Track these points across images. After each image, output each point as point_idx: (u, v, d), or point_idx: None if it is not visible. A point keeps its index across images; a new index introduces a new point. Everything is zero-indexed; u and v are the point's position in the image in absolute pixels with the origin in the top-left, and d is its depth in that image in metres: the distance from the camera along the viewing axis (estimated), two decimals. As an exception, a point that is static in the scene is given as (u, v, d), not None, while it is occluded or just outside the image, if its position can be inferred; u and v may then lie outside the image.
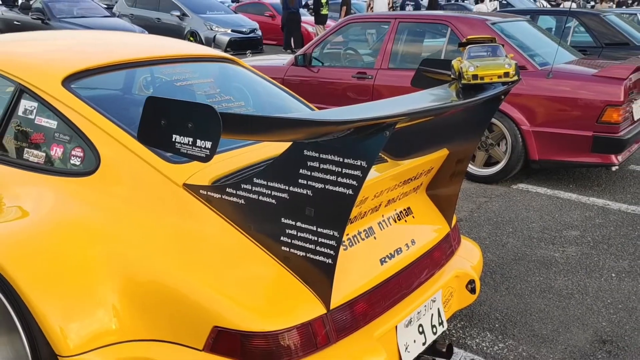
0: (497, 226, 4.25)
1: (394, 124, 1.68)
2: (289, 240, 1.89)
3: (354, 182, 1.72)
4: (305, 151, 1.77)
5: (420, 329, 2.25)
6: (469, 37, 2.47)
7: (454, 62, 2.39)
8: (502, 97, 2.33)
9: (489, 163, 5.24)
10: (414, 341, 2.21)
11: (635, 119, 5.08)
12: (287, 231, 1.88)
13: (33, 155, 2.33)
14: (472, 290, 2.55)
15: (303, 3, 19.26)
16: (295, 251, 1.88)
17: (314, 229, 1.83)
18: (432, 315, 2.33)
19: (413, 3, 16.38)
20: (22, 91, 2.40)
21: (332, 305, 1.92)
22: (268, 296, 1.89)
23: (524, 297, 3.25)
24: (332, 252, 1.81)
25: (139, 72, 2.84)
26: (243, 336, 1.80)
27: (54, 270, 1.93)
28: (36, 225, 2.07)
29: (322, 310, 1.90)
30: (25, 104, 2.40)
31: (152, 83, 2.85)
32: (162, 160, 2.11)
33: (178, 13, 15.13)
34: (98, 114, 2.23)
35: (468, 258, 2.66)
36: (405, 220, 2.40)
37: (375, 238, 2.21)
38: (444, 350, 2.32)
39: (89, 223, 2.04)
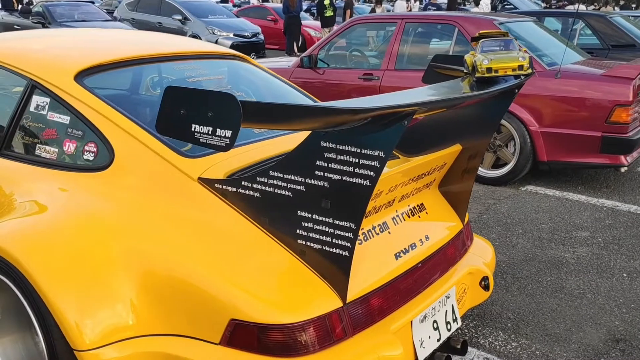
0: (506, 227, 4.26)
1: (413, 113, 1.70)
2: (305, 233, 1.90)
3: (372, 173, 1.73)
4: (322, 142, 1.79)
5: (435, 325, 2.27)
6: (481, 31, 2.49)
7: (467, 57, 2.41)
8: (516, 90, 2.36)
9: (497, 165, 5.26)
10: (429, 337, 2.22)
11: (644, 119, 5.10)
12: (303, 224, 1.90)
13: (45, 151, 2.36)
14: (486, 287, 2.56)
15: (304, 7, 19.36)
16: (312, 244, 1.90)
17: (331, 221, 1.84)
18: (446, 311, 2.34)
19: (434, 8, 16.44)
20: (34, 87, 2.43)
21: (349, 299, 1.94)
22: (284, 289, 1.91)
23: (536, 297, 3.26)
24: (348, 244, 1.83)
25: (151, 68, 2.87)
26: (260, 329, 1.81)
27: (70, 265, 1.95)
28: (51, 220, 2.09)
29: (339, 303, 1.91)
30: (37, 99, 2.42)
31: (163, 79, 2.87)
32: (176, 154, 2.13)
33: (180, 17, 15.18)
34: (111, 109, 2.26)
35: (481, 255, 2.67)
36: (419, 216, 2.42)
37: (389, 233, 2.23)
38: (459, 347, 2.33)
39: (104, 217, 2.06)
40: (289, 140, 2.36)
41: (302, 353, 1.84)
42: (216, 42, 14.51)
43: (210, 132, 1.62)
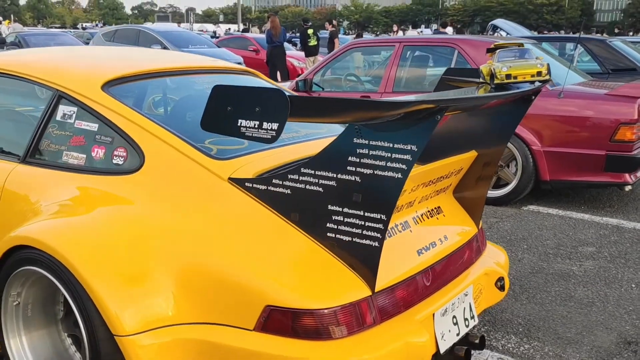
0: (511, 243, 4.52)
1: (445, 108, 1.96)
2: (335, 227, 2.14)
3: (404, 166, 1.98)
4: (355, 139, 2.04)
5: (454, 320, 2.50)
6: (496, 43, 2.79)
7: (483, 67, 2.70)
8: (533, 97, 2.64)
9: (497, 185, 5.55)
10: (449, 331, 2.45)
11: (647, 138, 5.43)
12: (333, 217, 2.14)
13: (73, 157, 2.59)
14: (501, 288, 2.81)
15: (287, 37, 19.89)
16: (342, 236, 2.14)
17: (361, 214, 2.08)
18: (465, 308, 2.58)
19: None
20: (60, 97, 2.67)
21: (376, 289, 2.17)
22: (315, 279, 2.14)
23: (545, 305, 3.51)
24: (379, 235, 2.07)
25: (170, 81, 3.14)
26: (294, 314, 2.04)
27: (111, 259, 2.17)
28: (89, 219, 2.32)
29: (368, 292, 2.15)
30: (63, 109, 2.67)
31: (183, 90, 3.14)
32: (206, 156, 2.38)
33: (159, 47, 15.53)
34: (140, 116, 2.51)
35: (495, 258, 2.92)
36: (437, 218, 2.67)
37: (411, 231, 2.48)
38: (477, 341, 2.56)
39: (139, 215, 2.29)
40: (312, 146, 2.61)
41: (333, 337, 2.06)
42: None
43: (256, 126, 1.87)
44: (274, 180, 2.22)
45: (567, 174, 5.23)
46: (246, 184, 2.28)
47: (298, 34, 16.91)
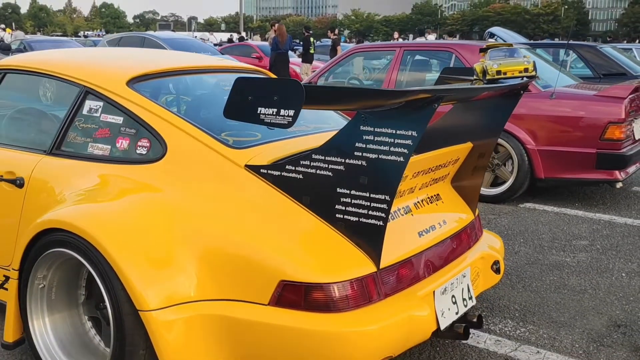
0: (508, 237, 4.69)
1: (442, 97, 2.14)
2: (343, 208, 2.31)
3: (405, 150, 2.16)
4: (361, 127, 2.22)
5: (453, 300, 2.66)
6: (488, 44, 2.98)
7: (476, 66, 2.89)
8: (522, 92, 2.82)
9: (495, 184, 5.73)
10: (449, 309, 2.61)
11: (637, 138, 5.61)
12: (341, 199, 2.31)
13: (98, 148, 2.76)
14: (497, 271, 2.98)
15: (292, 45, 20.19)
16: (349, 217, 2.31)
17: (367, 195, 2.26)
18: (463, 289, 2.75)
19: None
20: (87, 93, 2.85)
21: (381, 266, 2.34)
22: (325, 256, 2.31)
23: (540, 293, 3.68)
24: (383, 214, 2.24)
25: (190, 78, 3.32)
26: (306, 288, 2.20)
27: (137, 240, 2.34)
28: (116, 203, 2.51)
29: (373, 268, 2.32)
30: (90, 104, 2.84)
31: (201, 87, 3.33)
32: (224, 146, 2.55)
33: (165, 53, 15.71)
34: (163, 109, 2.69)
35: (491, 244, 3.10)
36: (436, 205, 2.84)
37: (412, 215, 2.65)
38: (475, 320, 2.72)
39: (163, 200, 2.47)
40: (319, 138, 2.78)
41: (342, 310, 2.23)
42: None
43: (274, 113, 2.05)
44: (287, 167, 2.40)
45: (560, 171, 5.41)
46: (261, 170, 2.45)
47: (301, 42, 17.18)
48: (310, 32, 16.93)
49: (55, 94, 3.15)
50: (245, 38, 32.49)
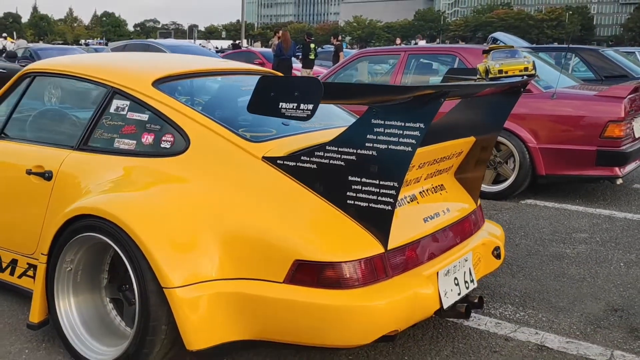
0: (509, 231, 4.92)
1: (447, 92, 2.38)
2: (354, 194, 2.54)
3: (413, 141, 2.39)
4: (372, 120, 2.45)
5: (456, 281, 2.89)
6: (491, 46, 3.22)
7: (479, 66, 3.12)
8: (522, 89, 3.05)
9: (497, 181, 5.96)
10: (451, 290, 2.84)
11: (636, 136, 5.85)
12: (352, 187, 2.54)
13: (125, 144, 3.00)
14: (497, 256, 3.20)
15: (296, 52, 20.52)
16: (359, 203, 2.54)
17: (377, 182, 2.49)
18: (465, 272, 2.97)
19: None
20: (114, 93, 3.10)
21: (389, 247, 2.57)
22: (337, 238, 2.53)
23: (540, 281, 3.90)
24: (391, 200, 2.47)
25: (210, 80, 3.58)
26: (319, 266, 2.43)
27: (163, 224, 2.57)
28: (143, 192, 2.75)
29: (381, 249, 2.54)
30: (117, 103, 3.09)
31: (220, 87, 3.59)
32: (243, 139, 2.79)
33: (170, 60, 15.98)
34: (186, 107, 2.94)
35: (492, 232, 3.32)
36: (440, 194, 3.08)
37: (418, 203, 2.88)
38: (476, 301, 2.94)
39: (186, 188, 2.70)
40: (328, 133, 3.00)
41: (353, 287, 2.45)
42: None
43: (295, 107, 2.29)
44: (302, 157, 2.63)
45: (561, 168, 5.64)
46: (277, 161, 2.69)
47: (300, 47, 17.52)
48: (312, 38, 17.21)
49: (81, 94, 3.40)
50: (241, 45, 32.92)
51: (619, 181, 5.62)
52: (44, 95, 3.56)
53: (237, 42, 33.01)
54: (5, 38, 27.59)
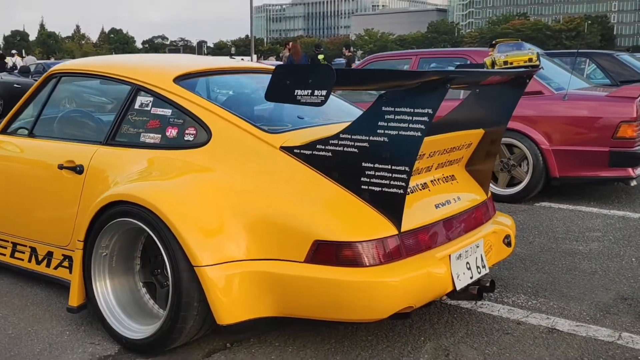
0: (523, 231, 5.12)
1: (454, 78, 2.61)
2: (368, 179, 2.77)
3: (422, 126, 2.62)
4: (383, 107, 2.69)
5: (468, 266, 3.10)
6: (497, 40, 3.46)
7: (486, 59, 3.36)
8: (527, 80, 3.28)
9: (511, 184, 6.16)
10: (463, 273, 3.05)
11: (649, 136, 6.03)
12: (366, 172, 2.77)
13: (150, 137, 3.27)
14: (508, 244, 3.41)
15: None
16: (373, 187, 2.77)
17: (389, 167, 2.72)
18: (477, 258, 3.18)
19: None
20: (138, 89, 3.37)
21: (402, 230, 2.79)
22: (353, 220, 2.76)
23: (552, 274, 4.10)
24: (403, 184, 2.70)
25: (226, 77, 3.85)
26: (338, 246, 2.66)
27: (193, 208, 2.83)
28: (172, 180, 3.02)
29: (395, 231, 2.77)
30: (141, 99, 3.36)
31: (236, 85, 3.85)
32: (261, 131, 3.04)
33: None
34: (207, 101, 3.21)
35: (503, 222, 3.54)
36: (451, 184, 3.30)
37: (429, 190, 3.11)
38: (487, 285, 3.15)
39: (211, 176, 2.96)
40: (336, 127, 3.24)
41: (369, 265, 2.68)
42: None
43: (309, 94, 2.53)
44: (317, 146, 2.87)
45: (575, 170, 5.84)
46: (294, 150, 2.93)
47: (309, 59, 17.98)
48: (321, 49, 17.59)
49: (106, 92, 3.69)
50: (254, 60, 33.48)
51: (633, 182, 5.81)
52: (71, 94, 3.84)
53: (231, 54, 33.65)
54: (14, 55, 28.38)
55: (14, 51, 30.75)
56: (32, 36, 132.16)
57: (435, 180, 3.19)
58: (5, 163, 3.78)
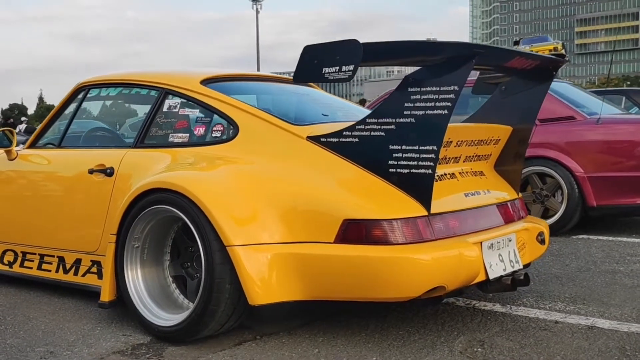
0: (559, 256, 5.30)
1: (479, 53, 2.92)
2: (396, 162, 3.05)
3: (448, 104, 2.91)
4: (409, 88, 3.00)
5: (500, 258, 3.31)
6: (521, 38, 3.79)
7: None
8: (554, 72, 3.57)
9: (545, 216, 6.35)
10: (496, 264, 3.26)
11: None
12: (394, 155, 3.05)
13: (179, 137, 3.61)
14: (542, 242, 3.63)
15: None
16: (401, 170, 3.04)
17: (417, 148, 2.99)
18: (509, 252, 3.40)
19: None
20: (166, 93, 3.74)
21: (432, 212, 3.04)
22: (381, 200, 3.03)
23: (591, 288, 4.27)
24: (432, 163, 2.96)
25: (249, 84, 4.22)
26: (367, 224, 2.92)
27: (226, 196, 3.15)
28: (205, 172, 3.38)
29: (424, 212, 3.02)
30: (169, 102, 3.73)
31: (259, 90, 4.22)
32: (288, 123, 3.36)
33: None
34: (233, 99, 3.55)
35: (535, 221, 3.78)
36: (480, 178, 3.57)
37: (457, 180, 3.38)
38: (522, 278, 3.36)
39: (241, 167, 3.29)
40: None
41: (399, 243, 2.92)
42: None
43: (337, 70, 2.85)
44: (344, 133, 3.17)
45: (613, 197, 6.04)
46: (321, 139, 3.23)
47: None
48: None
49: (134, 99, 4.09)
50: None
51: (678, 209, 5.99)
52: (99, 106, 4.26)
53: None
54: (22, 122, 30.11)
55: (23, 118, 33.80)
56: (31, 110, 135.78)
57: (463, 172, 3.46)
58: (33, 176, 4.17)
